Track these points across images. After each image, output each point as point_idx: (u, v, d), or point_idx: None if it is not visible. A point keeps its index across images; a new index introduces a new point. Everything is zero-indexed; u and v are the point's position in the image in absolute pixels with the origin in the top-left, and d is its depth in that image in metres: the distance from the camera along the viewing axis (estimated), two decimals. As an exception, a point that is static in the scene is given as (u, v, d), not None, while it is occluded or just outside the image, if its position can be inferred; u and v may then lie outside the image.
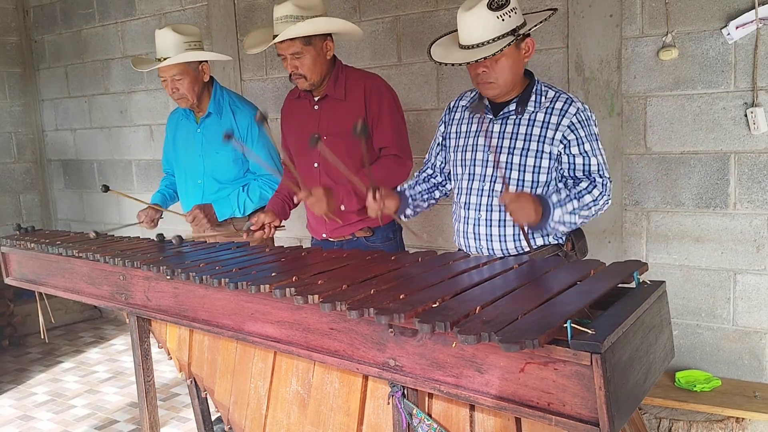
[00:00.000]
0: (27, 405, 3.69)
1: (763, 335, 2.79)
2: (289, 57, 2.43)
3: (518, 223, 1.97)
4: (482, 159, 2.13)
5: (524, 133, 2.06)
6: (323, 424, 1.78)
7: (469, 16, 1.95)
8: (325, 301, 1.56)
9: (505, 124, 2.10)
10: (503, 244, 2.12)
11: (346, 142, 2.47)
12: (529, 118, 2.07)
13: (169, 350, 2.31)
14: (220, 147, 2.90)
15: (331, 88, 2.52)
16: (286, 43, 2.39)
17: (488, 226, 2.13)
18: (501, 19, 1.93)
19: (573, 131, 2.03)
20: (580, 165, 2.04)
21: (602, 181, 2.03)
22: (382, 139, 2.51)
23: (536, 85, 2.10)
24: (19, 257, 2.74)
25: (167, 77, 2.81)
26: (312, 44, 2.42)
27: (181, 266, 2.05)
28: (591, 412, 1.24)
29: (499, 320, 1.35)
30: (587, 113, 2.06)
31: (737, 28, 2.65)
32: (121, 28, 4.88)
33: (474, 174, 2.15)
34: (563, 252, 2.13)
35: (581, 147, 2.03)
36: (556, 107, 2.05)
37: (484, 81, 2.02)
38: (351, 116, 2.49)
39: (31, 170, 5.67)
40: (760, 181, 2.71)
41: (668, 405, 2.67)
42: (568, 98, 2.07)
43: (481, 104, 2.07)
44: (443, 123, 2.31)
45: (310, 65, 2.44)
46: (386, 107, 2.51)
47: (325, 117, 2.55)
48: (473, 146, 2.16)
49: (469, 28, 1.96)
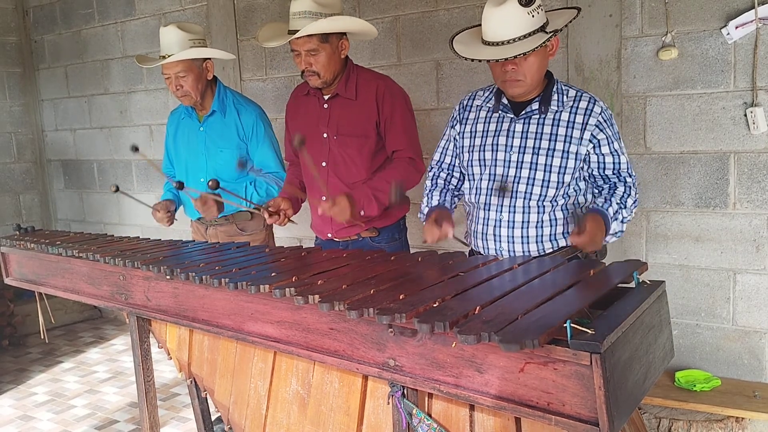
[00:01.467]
0: (27, 405, 3.69)
1: (762, 335, 2.80)
2: (303, 53, 2.40)
3: (588, 251, 2.00)
4: (504, 159, 2.09)
5: (549, 132, 2.03)
6: (323, 424, 1.78)
7: (500, 12, 1.91)
8: (324, 301, 1.56)
9: (528, 123, 2.06)
10: (525, 246, 2.09)
11: (357, 141, 2.47)
12: (554, 117, 2.04)
13: (169, 350, 2.31)
14: (224, 145, 2.90)
15: (342, 88, 2.50)
16: (303, 39, 2.37)
17: (510, 228, 2.09)
18: (531, 15, 1.91)
19: (602, 130, 2.02)
20: (610, 164, 2.04)
21: (632, 181, 2.05)
22: (395, 141, 2.50)
23: (556, 84, 2.08)
24: (19, 257, 2.74)
25: (171, 74, 2.80)
26: (329, 42, 2.40)
27: (180, 266, 2.05)
28: (591, 412, 1.24)
29: (498, 320, 1.35)
30: (609, 112, 2.07)
31: (737, 27, 2.65)
32: (121, 28, 4.88)
33: (495, 174, 2.10)
34: (583, 253, 2.10)
35: (611, 146, 2.03)
36: (580, 106, 2.04)
37: (512, 78, 1.98)
38: (361, 116, 2.48)
39: (30, 170, 5.67)
40: (760, 180, 2.71)
41: (668, 405, 2.68)
42: (591, 97, 2.06)
43: (508, 188, 2.04)
44: (457, 121, 2.25)
45: (324, 63, 2.42)
46: (399, 109, 2.49)
47: (335, 116, 2.53)
48: (493, 146, 2.11)
49: (499, 25, 1.92)
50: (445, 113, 3.44)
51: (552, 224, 2.08)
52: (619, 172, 2.05)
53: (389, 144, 2.51)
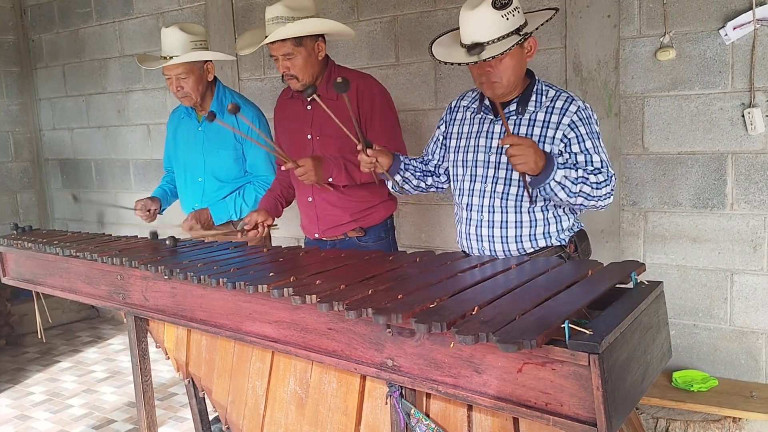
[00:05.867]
0: (24, 404, 3.68)
1: (759, 335, 2.80)
2: (280, 58, 2.44)
3: (517, 170, 1.90)
4: (484, 160, 2.11)
5: (525, 133, 2.04)
6: (321, 424, 1.78)
7: (473, 15, 1.93)
8: (322, 301, 1.56)
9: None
10: (505, 245, 2.11)
11: (338, 142, 2.47)
12: (530, 118, 2.06)
13: (167, 350, 2.30)
14: (221, 146, 2.91)
15: (323, 89, 2.52)
16: (278, 44, 2.40)
17: (491, 228, 2.11)
18: (505, 18, 1.92)
19: (573, 129, 2.01)
20: (582, 163, 2.00)
21: (608, 174, 1.98)
22: (375, 139, 2.49)
23: (537, 85, 2.08)
24: (17, 257, 2.73)
25: (172, 75, 2.82)
26: (303, 45, 2.43)
27: (178, 266, 2.05)
28: (588, 413, 1.24)
29: (496, 320, 1.35)
30: (588, 111, 2.05)
31: (734, 28, 2.66)
32: (119, 28, 4.87)
33: (476, 175, 2.13)
34: (566, 254, 2.11)
35: (582, 145, 2.01)
36: (556, 106, 2.04)
37: (488, 80, 2.00)
38: (343, 117, 2.49)
39: (28, 169, 5.66)
40: (757, 181, 2.72)
41: (665, 405, 2.68)
42: (569, 96, 2.05)
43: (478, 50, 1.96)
44: (444, 122, 2.29)
45: (301, 66, 2.45)
46: (378, 107, 2.51)
47: (318, 118, 2.54)
48: (474, 147, 2.14)
49: (473, 27, 1.94)
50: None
51: (532, 225, 2.09)
52: (594, 170, 2.00)
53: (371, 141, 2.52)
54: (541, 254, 2.09)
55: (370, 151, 2.11)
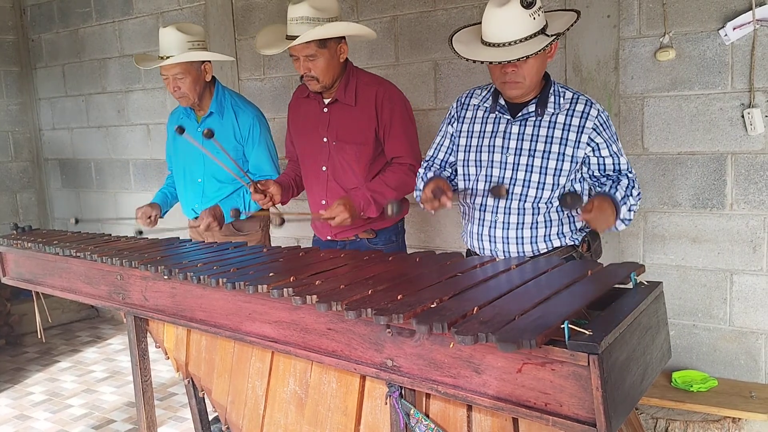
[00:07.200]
0: (24, 404, 3.68)
1: (759, 335, 2.80)
2: (302, 58, 2.39)
3: (599, 231, 1.99)
4: (501, 161, 2.08)
5: (545, 135, 2.03)
6: (321, 424, 1.78)
7: (502, 13, 1.90)
8: (322, 302, 1.56)
9: (524, 125, 2.06)
10: (520, 246, 2.09)
11: (355, 148, 2.47)
12: (550, 120, 2.04)
13: (167, 350, 2.30)
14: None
15: (342, 93, 2.49)
16: (301, 45, 2.35)
17: (505, 229, 2.09)
18: (532, 17, 1.90)
19: (599, 134, 2.02)
20: (610, 165, 2.04)
21: (633, 177, 2.05)
22: (394, 148, 2.50)
23: (553, 86, 2.07)
24: (16, 257, 2.73)
25: (169, 75, 2.81)
26: (327, 47, 2.39)
27: (178, 266, 2.04)
28: (588, 413, 1.24)
29: (496, 321, 1.35)
30: (606, 114, 2.06)
31: (734, 29, 2.66)
32: (119, 27, 4.87)
33: (491, 176, 2.10)
34: (578, 253, 2.10)
35: (610, 148, 2.04)
36: (577, 109, 2.03)
37: (511, 80, 1.98)
38: (360, 123, 2.48)
39: (27, 169, 5.66)
40: (757, 181, 2.72)
41: (665, 405, 2.68)
42: (588, 100, 2.05)
43: (503, 190, 1.95)
44: (454, 119, 2.24)
45: (323, 68, 2.41)
46: (398, 116, 2.48)
47: (334, 121, 2.53)
48: (489, 147, 2.10)
49: (500, 26, 1.91)
50: (443, 113, 3.42)
51: (547, 225, 2.09)
52: (620, 171, 2.05)
53: (388, 151, 2.51)
54: (554, 254, 2.08)
55: (435, 202, 2.01)
